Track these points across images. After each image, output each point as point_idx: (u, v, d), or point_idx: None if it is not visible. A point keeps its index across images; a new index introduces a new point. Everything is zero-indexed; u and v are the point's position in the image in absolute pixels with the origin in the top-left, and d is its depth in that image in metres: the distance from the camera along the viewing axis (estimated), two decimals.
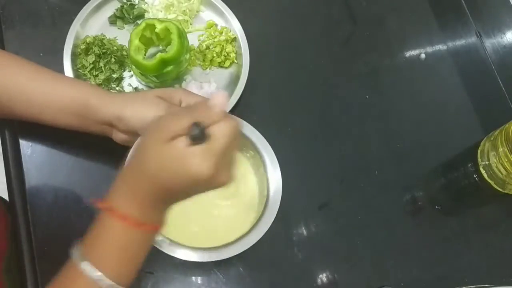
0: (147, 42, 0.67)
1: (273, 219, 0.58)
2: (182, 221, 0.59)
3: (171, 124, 0.43)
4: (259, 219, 0.57)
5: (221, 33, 0.74)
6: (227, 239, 0.57)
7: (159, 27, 0.65)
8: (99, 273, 0.43)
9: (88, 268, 0.43)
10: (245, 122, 0.60)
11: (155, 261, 0.61)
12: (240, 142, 0.60)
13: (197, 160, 0.41)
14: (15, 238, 0.61)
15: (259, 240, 0.57)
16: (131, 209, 0.45)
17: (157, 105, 0.53)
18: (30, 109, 0.57)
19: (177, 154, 0.42)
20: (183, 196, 0.47)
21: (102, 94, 0.56)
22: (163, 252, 0.57)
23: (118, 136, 0.57)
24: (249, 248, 0.55)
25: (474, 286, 0.67)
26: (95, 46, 0.69)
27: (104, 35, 0.71)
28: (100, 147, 0.62)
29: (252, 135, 0.61)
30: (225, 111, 0.43)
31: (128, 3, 0.74)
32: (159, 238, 0.56)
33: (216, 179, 0.43)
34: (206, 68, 0.73)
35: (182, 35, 0.65)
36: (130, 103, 0.54)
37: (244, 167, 0.63)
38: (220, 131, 0.42)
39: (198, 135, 0.41)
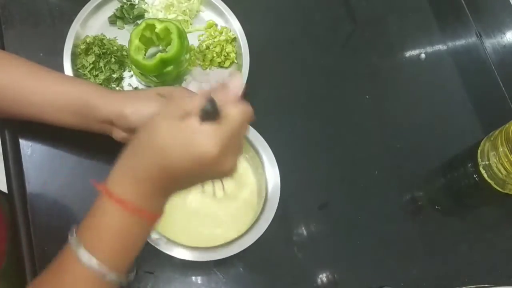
0: (147, 42, 0.67)
1: (271, 219, 0.58)
2: (181, 221, 0.59)
3: (184, 102, 0.42)
4: (257, 219, 0.57)
5: (221, 33, 0.74)
6: (226, 239, 0.57)
7: (159, 27, 0.65)
8: (96, 261, 0.43)
9: (85, 256, 0.43)
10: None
11: (155, 261, 0.61)
12: (244, 145, 0.60)
13: (205, 137, 0.41)
14: (15, 238, 0.61)
15: (259, 240, 0.57)
16: (130, 193, 0.44)
17: (157, 102, 0.53)
18: (31, 108, 0.57)
19: (187, 130, 0.41)
20: (185, 182, 0.46)
21: (102, 92, 0.56)
22: (162, 252, 0.57)
23: (119, 135, 0.57)
24: (249, 248, 0.55)
25: (474, 286, 0.66)
26: (95, 46, 0.69)
27: (104, 35, 0.71)
28: (100, 146, 0.62)
29: (250, 135, 0.61)
30: (239, 96, 0.43)
31: (128, 3, 0.74)
32: (157, 237, 0.56)
33: (221, 163, 0.42)
34: (206, 68, 0.73)
35: (182, 35, 0.65)
36: (130, 101, 0.54)
37: (243, 167, 0.63)
38: (232, 113, 0.42)
39: (210, 110, 0.41)
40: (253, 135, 0.60)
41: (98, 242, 0.44)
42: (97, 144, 0.61)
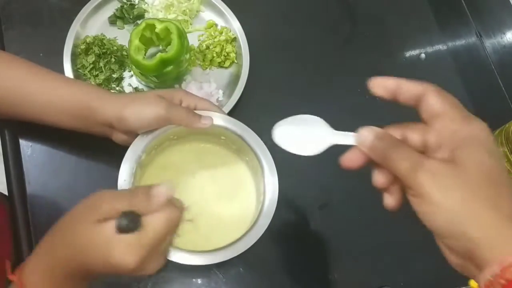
0: (147, 42, 0.67)
1: (270, 220, 0.57)
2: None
3: (105, 205, 0.40)
4: (256, 220, 0.57)
5: (221, 33, 0.74)
6: (224, 242, 0.56)
7: (159, 27, 0.65)
8: None
9: None
10: (244, 125, 0.60)
11: None
12: (242, 147, 0.60)
13: (121, 250, 0.39)
14: (15, 238, 0.61)
15: (259, 240, 0.57)
16: (44, 285, 0.42)
17: (157, 104, 0.53)
18: (31, 110, 0.57)
19: (104, 239, 0.40)
20: (104, 277, 0.45)
21: (102, 95, 0.56)
22: None
23: (119, 137, 0.57)
24: (249, 248, 0.55)
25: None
26: (95, 46, 0.69)
27: (104, 35, 0.71)
28: (100, 147, 0.62)
29: (249, 137, 0.60)
30: (166, 200, 0.41)
31: (128, 3, 0.74)
32: None
33: (140, 270, 0.41)
34: (206, 68, 0.73)
35: (182, 35, 0.65)
36: (130, 103, 0.54)
37: (241, 170, 0.63)
38: (152, 223, 0.40)
39: (125, 226, 0.39)
40: (252, 137, 0.60)
41: None
42: (97, 145, 0.61)
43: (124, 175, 0.54)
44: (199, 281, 0.62)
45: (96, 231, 0.40)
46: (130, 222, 0.39)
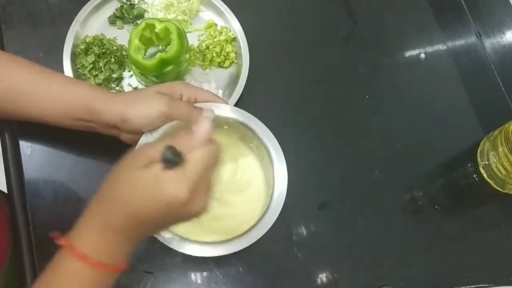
0: (146, 42, 0.67)
1: (280, 209, 0.56)
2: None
3: (145, 150, 0.42)
4: (264, 213, 0.56)
5: (220, 33, 0.74)
6: (235, 233, 0.56)
7: (158, 27, 0.65)
8: None
9: None
10: (247, 113, 0.60)
11: (155, 261, 0.61)
12: (246, 135, 0.59)
13: (172, 183, 0.41)
14: (15, 238, 0.61)
15: (259, 240, 0.57)
16: (94, 246, 0.43)
17: (158, 101, 0.53)
18: (33, 110, 0.57)
19: (152, 178, 0.41)
20: (154, 227, 0.46)
21: (104, 97, 0.55)
22: (162, 252, 0.56)
23: (125, 137, 0.57)
24: (248, 248, 0.55)
25: (474, 286, 0.67)
26: (94, 46, 0.69)
27: (104, 35, 0.71)
28: (100, 146, 0.62)
29: (256, 126, 0.60)
30: (207, 137, 0.43)
31: (128, 3, 0.74)
32: (170, 236, 0.54)
33: (190, 205, 0.42)
34: (206, 68, 0.73)
35: (181, 35, 0.65)
36: (132, 104, 0.54)
37: (248, 158, 0.62)
38: (195, 157, 0.42)
39: (170, 158, 0.41)
40: (257, 124, 0.59)
41: None
42: (96, 144, 0.61)
43: None
44: (199, 281, 0.62)
45: (144, 175, 0.41)
46: (175, 155, 0.41)
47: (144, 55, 0.66)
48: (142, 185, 0.41)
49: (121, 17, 0.73)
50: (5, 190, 0.65)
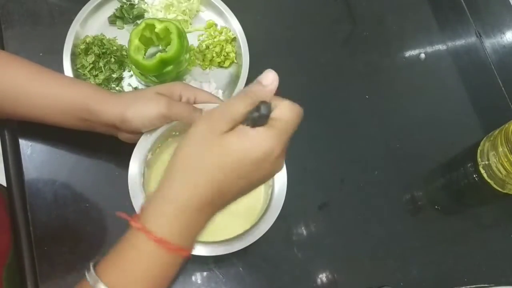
0: (146, 42, 0.67)
1: (280, 209, 0.56)
2: None
3: (223, 115, 0.40)
4: (264, 213, 0.56)
5: (220, 33, 0.74)
6: (235, 232, 0.56)
7: (158, 27, 0.65)
8: None
9: None
10: None
11: None
12: None
13: (264, 137, 0.39)
14: (15, 238, 0.61)
15: (259, 240, 0.57)
16: (172, 229, 0.40)
17: (157, 102, 0.54)
18: (32, 110, 0.57)
19: (241, 137, 0.39)
20: (232, 197, 0.42)
21: (102, 97, 0.55)
22: None
23: (124, 136, 0.57)
24: (248, 248, 0.55)
25: (474, 286, 0.66)
26: (94, 46, 0.69)
27: (103, 35, 0.71)
28: (100, 146, 0.62)
29: None
30: (276, 86, 0.42)
31: (128, 3, 0.74)
32: None
33: (282, 158, 0.41)
34: (206, 68, 0.73)
35: (181, 35, 0.65)
36: (130, 104, 0.54)
37: None
38: (286, 114, 0.41)
39: (264, 114, 0.39)
40: None
41: (127, 283, 0.40)
42: (97, 144, 0.61)
43: (134, 177, 0.54)
44: (199, 281, 0.62)
45: (227, 140, 0.39)
46: (264, 109, 0.39)
47: (144, 55, 0.66)
48: (233, 149, 0.39)
49: (121, 17, 0.73)
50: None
